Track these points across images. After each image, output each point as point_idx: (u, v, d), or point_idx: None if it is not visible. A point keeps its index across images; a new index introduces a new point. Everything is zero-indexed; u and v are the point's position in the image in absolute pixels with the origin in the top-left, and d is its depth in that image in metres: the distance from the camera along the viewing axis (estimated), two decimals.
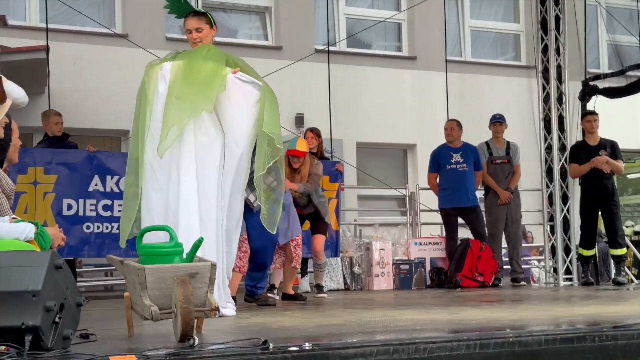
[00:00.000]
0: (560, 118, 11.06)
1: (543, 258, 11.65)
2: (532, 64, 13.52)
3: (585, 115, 10.20)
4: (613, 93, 11.53)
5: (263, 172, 5.72)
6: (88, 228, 8.83)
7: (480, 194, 10.87)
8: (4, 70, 9.32)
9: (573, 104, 11.42)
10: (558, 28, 11.01)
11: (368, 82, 13.81)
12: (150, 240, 4.40)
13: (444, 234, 10.69)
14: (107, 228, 8.89)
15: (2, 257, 3.42)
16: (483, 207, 10.55)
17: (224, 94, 5.65)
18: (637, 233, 13.67)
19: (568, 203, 10.93)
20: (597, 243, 10.45)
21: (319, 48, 13.06)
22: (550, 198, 11.02)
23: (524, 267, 11.48)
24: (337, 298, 8.58)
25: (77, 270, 9.67)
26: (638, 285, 10.64)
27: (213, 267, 4.08)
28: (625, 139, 11.75)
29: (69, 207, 8.76)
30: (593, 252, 10.09)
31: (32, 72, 10.54)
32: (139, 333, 4.36)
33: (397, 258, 10.34)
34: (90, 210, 8.83)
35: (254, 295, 7.12)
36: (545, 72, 11.12)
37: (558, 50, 11.03)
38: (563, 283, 10.63)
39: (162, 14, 12.70)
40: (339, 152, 12.87)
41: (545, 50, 11.10)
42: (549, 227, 11.06)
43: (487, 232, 10.29)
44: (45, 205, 8.62)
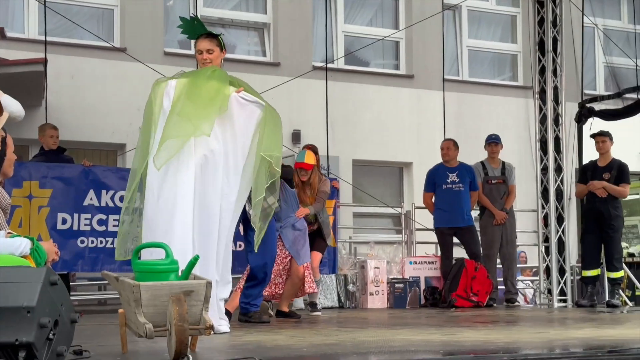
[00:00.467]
0: (557, 139, 11.07)
1: (537, 279, 11.63)
2: (529, 85, 13.55)
3: (595, 136, 10.21)
4: (609, 115, 11.55)
5: (262, 195, 5.74)
6: (82, 242, 8.80)
7: (476, 214, 10.87)
8: (1, 83, 9.30)
9: (569, 126, 11.43)
10: (555, 49, 11.04)
11: (365, 99, 13.84)
12: (151, 257, 4.40)
13: (439, 253, 10.68)
14: (101, 243, 8.87)
15: None
16: (478, 227, 10.55)
17: (227, 112, 5.70)
18: (631, 255, 13.64)
19: (563, 224, 10.93)
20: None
21: (317, 65, 13.09)
22: (546, 219, 11.02)
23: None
24: (331, 316, 8.56)
25: (71, 284, 9.63)
26: (632, 308, 10.63)
27: (208, 285, 4.07)
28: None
29: (64, 221, 8.73)
30: (594, 273, 10.03)
31: (29, 84, 10.53)
32: (133, 350, 4.35)
33: (391, 277, 10.33)
34: (85, 225, 8.81)
35: (248, 313, 7.10)
36: (542, 93, 11.14)
37: (555, 72, 11.06)
38: (557, 304, 10.62)
39: (160, 28, 12.78)
40: (336, 169, 12.88)
41: (543, 72, 11.13)
42: (544, 248, 11.06)
43: (482, 252, 10.29)
44: (40, 219, 8.60)
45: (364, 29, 14.35)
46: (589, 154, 10.74)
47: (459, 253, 10.54)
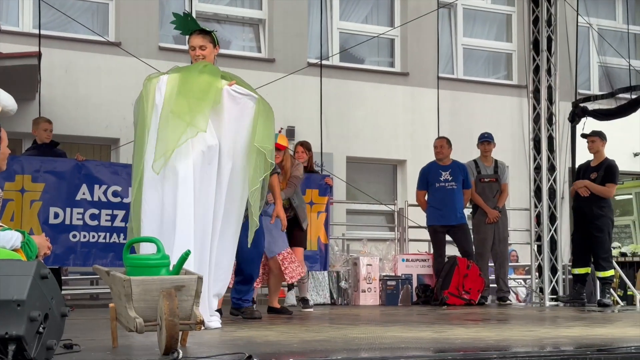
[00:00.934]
0: (550, 138, 11.10)
1: (529, 277, 11.66)
2: (523, 84, 13.60)
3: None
4: (603, 115, 11.57)
5: (257, 186, 5.74)
6: (74, 237, 8.76)
7: (468, 212, 10.89)
8: None
9: (563, 125, 11.45)
10: (550, 49, 11.07)
11: (360, 96, 13.84)
12: (148, 252, 4.40)
13: (432, 251, 10.70)
14: (93, 237, 8.82)
15: None
16: (471, 225, 10.56)
17: (220, 105, 5.69)
18: (623, 254, 13.67)
19: (556, 223, 10.96)
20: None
21: (312, 62, 13.09)
22: (538, 218, 11.04)
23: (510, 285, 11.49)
24: (323, 313, 8.56)
25: (62, 278, 9.62)
26: (623, 308, 10.66)
27: (199, 280, 4.07)
28: None
29: (56, 215, 8.70)
30: (582, 270, 10.05)
31: (23, 78, 10.51)
32: (124, 344, 4.35)
33: (384, 274, 10.34)
34: (77, 219, 8.77)
35: (240, 308, 7.11)
36: (536, 92, 11.17)
37: (549, 71, 11.09)
38: (549, 303, 10.65)
39: (155, 23, 12.76)
40: (329, 166, 12.88)
41: (537, 71, 11.15)
42: (536, 246, 11.09)
43: (474, 250, 10.30)
44: (32, 213, 8.57)
45: (359, 26, 14.35)
46: (582, 154, 10.76)
47: (452, 251, 10.56)
